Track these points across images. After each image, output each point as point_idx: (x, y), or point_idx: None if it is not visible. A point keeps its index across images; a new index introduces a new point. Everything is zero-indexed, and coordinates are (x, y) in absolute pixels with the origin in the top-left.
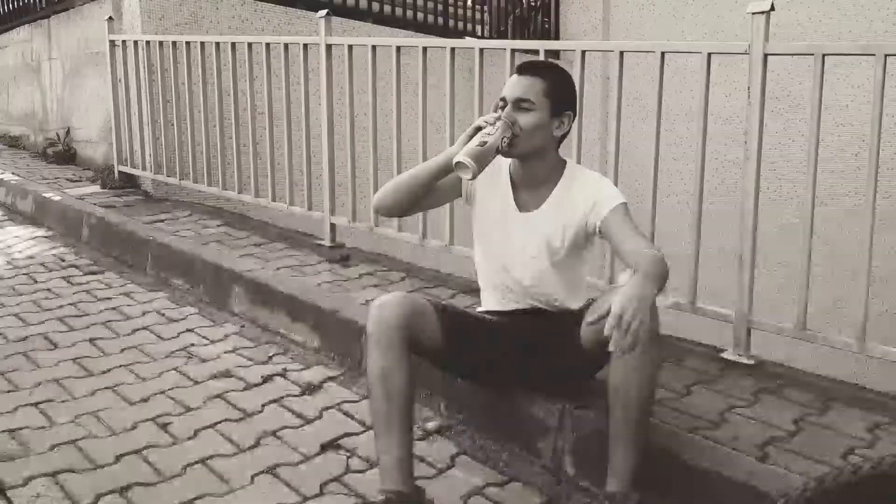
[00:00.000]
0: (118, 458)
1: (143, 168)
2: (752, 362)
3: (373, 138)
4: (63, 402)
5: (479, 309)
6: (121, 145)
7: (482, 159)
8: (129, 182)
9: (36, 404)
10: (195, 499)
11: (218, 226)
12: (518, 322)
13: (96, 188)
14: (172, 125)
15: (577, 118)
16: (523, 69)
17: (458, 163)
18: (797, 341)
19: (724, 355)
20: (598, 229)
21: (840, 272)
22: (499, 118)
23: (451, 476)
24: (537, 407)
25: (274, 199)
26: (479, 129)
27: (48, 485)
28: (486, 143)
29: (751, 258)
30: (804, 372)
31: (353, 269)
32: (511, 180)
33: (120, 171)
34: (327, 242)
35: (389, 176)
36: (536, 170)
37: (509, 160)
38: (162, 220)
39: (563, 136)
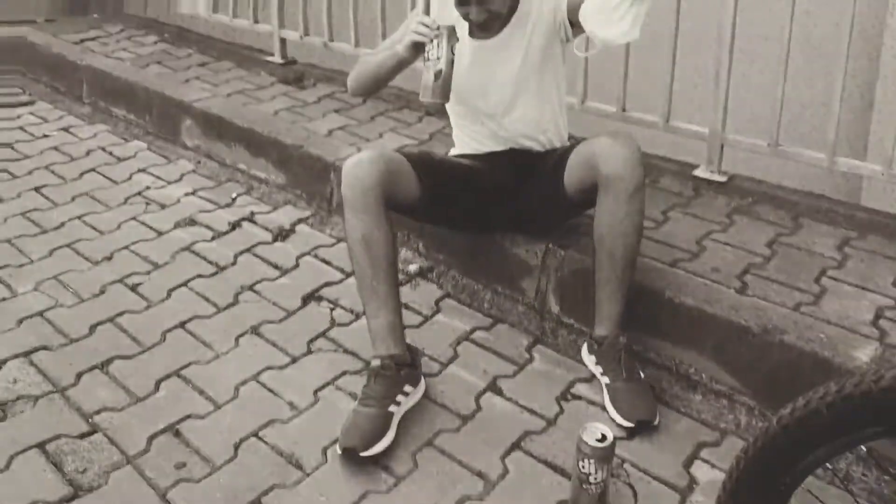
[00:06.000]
0: (92, 328)
1: None
2: (724, 179)
3: None
4: (20, 266)
5: (453, 152)
6: None
7: (446, 87)
8: None
9: None
10: (181, 369)
11: (155, 42)
12: (497, 166)
13: None
14: None
15: None
16: None
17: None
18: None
19: (697, 173)
20: (566, 18)
21: (797, 74)
22: (437, 35)
23: (437, 322)
24: (519, 247)
25: (215, 11)
26: (416, 44)
27: (23, 367)
28: (440, 70)
29: (727, 72)
30: (774, 185)
31: (310, 91)
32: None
33: None
34: (278, 59)
35: None
36: (496, 7)
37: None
38: (92, 39)
39: None
